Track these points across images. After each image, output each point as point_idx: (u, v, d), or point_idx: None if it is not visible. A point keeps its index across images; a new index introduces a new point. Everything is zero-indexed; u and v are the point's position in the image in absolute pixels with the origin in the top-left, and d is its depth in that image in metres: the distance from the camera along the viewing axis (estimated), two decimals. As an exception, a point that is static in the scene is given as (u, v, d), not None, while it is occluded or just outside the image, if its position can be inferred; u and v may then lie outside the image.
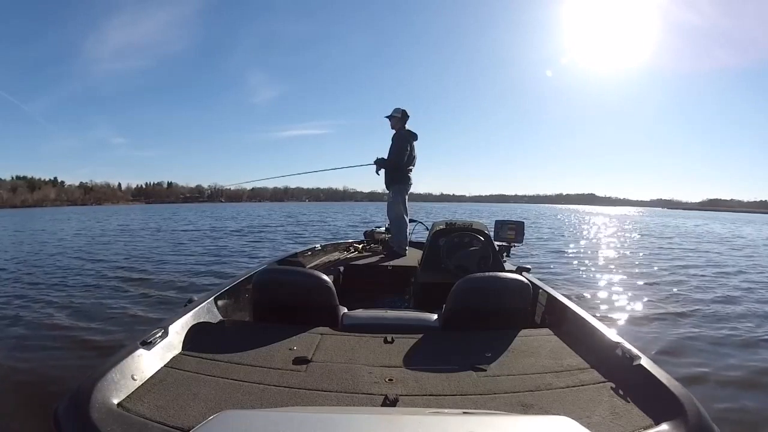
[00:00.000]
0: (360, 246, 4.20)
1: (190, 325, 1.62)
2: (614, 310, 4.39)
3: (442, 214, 25.43)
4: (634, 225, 24.22)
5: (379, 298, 3.09)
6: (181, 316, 1.62)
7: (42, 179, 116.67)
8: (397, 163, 4.00)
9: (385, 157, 4.06)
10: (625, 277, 6.45)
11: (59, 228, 18.07)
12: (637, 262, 8.17)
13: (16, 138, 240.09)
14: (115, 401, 1.07)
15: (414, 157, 4.08)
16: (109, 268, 6.76)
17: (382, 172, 4.12)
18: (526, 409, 1.13)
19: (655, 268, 7.40)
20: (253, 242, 11.47)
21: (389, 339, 1.60)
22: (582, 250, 10.48)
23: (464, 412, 0.86)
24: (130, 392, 1.12)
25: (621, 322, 3.94)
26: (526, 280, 1.84)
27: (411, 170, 4.12)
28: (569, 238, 13.89)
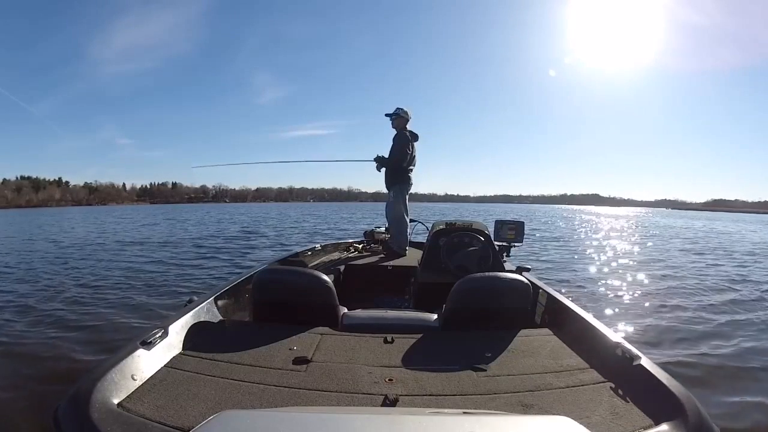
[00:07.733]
0: (360, 246, 4.21)
1: (190, 325, 1.62)
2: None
3: (449, 214, 24.63)
4: (673, 232, 18.52)
5: (379, 298, 3.09)
6: (181, 316, 1.62)
7: (47, 179, 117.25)
8: (398, 163, 4.00)
9: (386, 156, 4.06)
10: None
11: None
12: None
13: (22, 139, 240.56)
14: (115, 401, 1.07)
15: (414, 158, 4.08)
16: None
17: (383, 169, 4.12)
18: (526, 409, 1.12)
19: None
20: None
21: (389, 339, 1.60)
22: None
23: (464, 412, 0.86)
24: (130, 392, 1.13)
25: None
26: (526, 280, 1.83)
27: (412, 170, 4.12)
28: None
